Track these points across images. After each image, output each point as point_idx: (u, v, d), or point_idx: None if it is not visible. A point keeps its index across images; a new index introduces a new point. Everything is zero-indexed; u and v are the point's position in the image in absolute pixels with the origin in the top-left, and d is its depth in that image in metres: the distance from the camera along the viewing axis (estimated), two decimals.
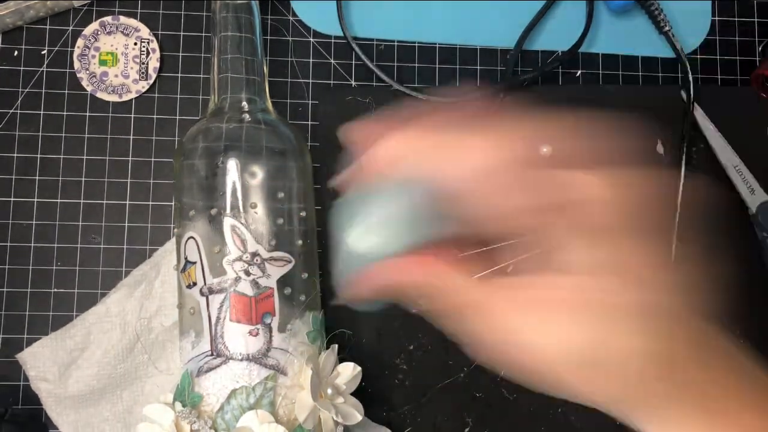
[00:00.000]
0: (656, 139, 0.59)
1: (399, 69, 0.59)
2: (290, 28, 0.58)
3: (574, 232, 0.30)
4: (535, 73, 0.58)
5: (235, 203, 0.46)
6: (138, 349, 0.52)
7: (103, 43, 0.56)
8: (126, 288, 0.52)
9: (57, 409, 0.51)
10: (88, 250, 0.54)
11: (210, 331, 0.44)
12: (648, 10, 0.59)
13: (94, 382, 0.51)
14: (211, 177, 0.46)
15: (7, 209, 0.54)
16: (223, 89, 0.50)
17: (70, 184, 0.55)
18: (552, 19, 0.60)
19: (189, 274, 0.46)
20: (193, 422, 0.42)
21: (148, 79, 0.56)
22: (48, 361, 0.51)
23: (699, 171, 0.59)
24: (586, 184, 0.31)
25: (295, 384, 0.44)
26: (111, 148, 0.55)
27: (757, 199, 0.57)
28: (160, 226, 0.55)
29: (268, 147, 0.47)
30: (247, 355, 0.44)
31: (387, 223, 0.31)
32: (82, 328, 0.51)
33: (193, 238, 0.46)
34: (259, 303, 0.44)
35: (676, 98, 0.59)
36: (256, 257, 0.45)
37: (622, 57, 0.60)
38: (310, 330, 0.46)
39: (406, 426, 0.54)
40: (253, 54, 0.50)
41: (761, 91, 0.60)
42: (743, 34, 0.61)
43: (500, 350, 0.30)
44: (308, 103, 0.57)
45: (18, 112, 0.55)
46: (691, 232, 0.58)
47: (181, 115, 0.56)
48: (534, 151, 0.31)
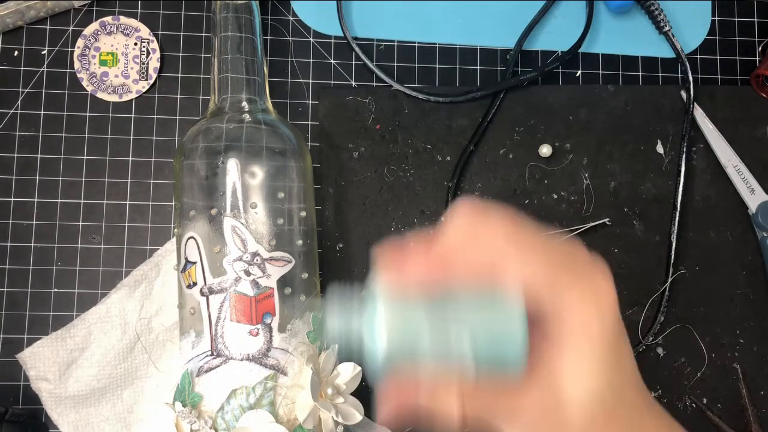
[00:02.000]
0: (656, 139, 0.59)
1: (399, 69, 0.59)
2: (290, 28, 0.58)
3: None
4: (535, 73, 0.58)
5: (236, 203, 0.46)
6: (138, 349, 0.52)
7: (103, 43, 0.56)
8: (126, 288, 0.52)
9: (57, 409, 0.51)
10: (88, 250, 0.54)
11: (210, 331, 0.44)
12: (648, 10, 0.59)
13: (94, 382, 0.51)
14: (212, 177, 0.46)
15: (7, 209, 0.54)
16: (223, 89, 0.50)
17: (70, 184, 0.55)
18: (552, 19, 0.60)
19: (189, 274, 0.46)
20: (193, 422, 0.42)
21: (148, 79, 0.56)
22: (48, 361, 0.51)
23: (698, 171, 0.59)
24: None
25: (295, 384, 0.44)
26: (111, 148, 0.56)
27: (757, 199, 0.57)
28: (160, 226, 0.55)
29: (268, 147, 0.47)
30: (247, 355, 0.44)
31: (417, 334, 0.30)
32: (82, 328, 0.51)
33: (193, 238, 0.46)
34: (259, 303, 0.44)
35: (676, 98, 0.59)
36: (257, 257, 0.45)
37: (622, 57, 0.60)
38: (310, 330, 0.46)
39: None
40: (253, 54, 0.50)
41: (761, 91, 0.60)
42: (743, 34, 0.62)
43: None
44: (308, 103, 0.57)
45: (18, 112, 0.55)
46: (691, 232, 0.58)
47: (181, 115, 0.56)
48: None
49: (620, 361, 0.31)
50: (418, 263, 0.31)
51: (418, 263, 0.31)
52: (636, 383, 0.33)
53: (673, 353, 0.56)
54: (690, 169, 0.58)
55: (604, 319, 0.30)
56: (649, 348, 0.56)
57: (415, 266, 0.31)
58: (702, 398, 0.56)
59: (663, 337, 0.56)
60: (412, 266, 0.31)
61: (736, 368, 0.56)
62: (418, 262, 0.31)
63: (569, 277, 0.30)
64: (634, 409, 0.32)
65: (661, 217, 0.58)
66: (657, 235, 0.57)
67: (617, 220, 0.57)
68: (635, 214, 0.58)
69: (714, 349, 0.57)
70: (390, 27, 0.59)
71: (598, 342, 0.30)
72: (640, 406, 0.32)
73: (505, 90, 0.58)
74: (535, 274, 0.30)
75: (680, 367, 0.56)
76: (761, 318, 0.57)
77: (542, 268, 0.30)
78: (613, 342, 0.31)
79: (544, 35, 0.60)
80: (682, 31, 0.61)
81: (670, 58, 0.61)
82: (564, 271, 0.30)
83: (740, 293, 0.57)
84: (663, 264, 0.57)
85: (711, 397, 0.56)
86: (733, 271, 0.58)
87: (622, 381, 0.31)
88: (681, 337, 0.56)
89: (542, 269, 0.30)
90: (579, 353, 0.30)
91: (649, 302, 0.56)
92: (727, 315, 0.57)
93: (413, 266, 0.31)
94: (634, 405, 0.32)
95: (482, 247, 0.31)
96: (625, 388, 0.32)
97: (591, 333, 0.30)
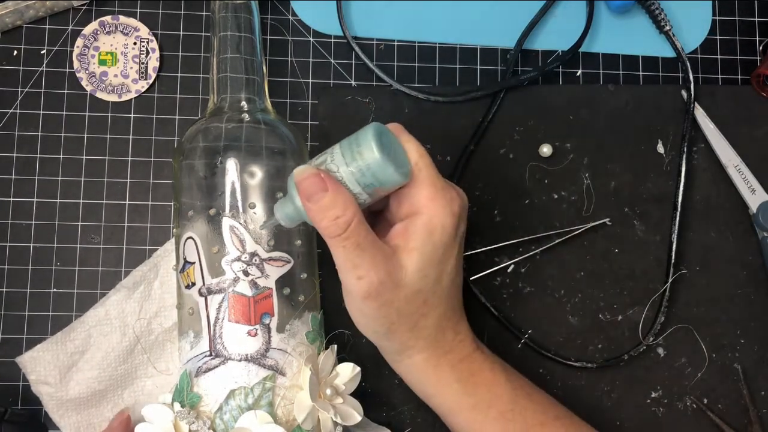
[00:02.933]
0: (657, 139, 0.58)
1: (399, 69, 0.59)
2: (290, 28, 0.58)
3: None
4: (535, 73, 0.58)
5: (234, 203, 0.46)
6: (138, 350, 0.52)
7: (103, 43, 0.56)
8: (125, 290, 0.52)
9: (59, 411, 0.51)
10: (88, 250, 0.54)
11: (209, 331, 0.44)
12: (648, 10, 0.59)
13: (95, 384, 0.51)
14: (210, 177, 0.46)
15: (7, 209, 0.54)
16: (222, 89, 0.50)
17: (70, 184, 0.55)
18: (552, 19, 0.60)
19: (188, 274, 0.46)
20: (192, 422, 0.42)
21: (148, 78, 0.56)
22: (49, 364, 0.50)
23: (699, 170, 0.58)
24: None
25: (294, 384, 0.44)
26: (110, 148, 0.55)
27: (757, 199, 0.57)
28: (159, 226, 0.55)
29: (267, 147, 0.47)
30: (245, 356, 0.44)
31: None
32: (82, 331, 0.51)
33: (191, 238, 0.46)
34: (258, 303, 0.44)
35: (676, 98, 0.59)
36: (255, 257, 0.45)
37: (622, 56, 0.60)
38: (309, 330, 0.46)
39: (406, 426, 0.54)
40: (252, 54, 0.50)
41: (762, 91, 0.59)
42: (744, 34, 0.61)
43: None
44: (308, 103, 0.57)
45: (18, 111, 0.55)
46: (692, 232, 0.58)
47: (180, 114, 0.56)
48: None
49: (446, 260, 0.44)
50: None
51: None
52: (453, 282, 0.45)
53: (673, 353, 0.56)
54: (690, 169, 0.58)
55: (445, 226, 0.43)
56: (650, 348, 0.56)
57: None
58: (703, 398, 0.56)
59: (663, 337, 0.56)
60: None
61: (737, 368, 0.56)
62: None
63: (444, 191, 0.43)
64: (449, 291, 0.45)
65: (661, 217, 0.58)
66: (657, 235, 0.57)
67: (617, 220, 0.57)
68: (635, 214, 0.57)
69: (714, 350, 0.56)
70: (390, 27, 0.59)
71: (438, 236, 0.43)
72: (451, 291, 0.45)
73: (505, 90, 0.58)
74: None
75: (681, 367, 0.56)
76: (762, 318, 0.57)
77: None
78: (447, 243, 0.43)
79: (545, 35, 0.60)
80: (682, 31, 0.61)
81: (670, 57, 0.60)
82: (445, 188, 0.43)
83: (741, 293, 0.57)
84: (663, 264, 0.57)
85: (712, 397, 0.56)
86: (734, 271, 0.58)
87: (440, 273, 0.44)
88: (681, 338, 0.56)
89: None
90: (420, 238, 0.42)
91: (649, 302, 0.56)
92: (728, 315, 0.57)
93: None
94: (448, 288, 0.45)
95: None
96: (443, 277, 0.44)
97: (433, 226, 0.42)
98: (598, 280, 0.57)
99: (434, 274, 0.43)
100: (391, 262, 0.42)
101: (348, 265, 0.41)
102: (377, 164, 0.40)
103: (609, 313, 0.56)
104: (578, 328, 0.56)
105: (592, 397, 0.55)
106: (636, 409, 0.56)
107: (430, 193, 0.42)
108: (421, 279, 0.42)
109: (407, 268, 0.42)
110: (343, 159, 0.41)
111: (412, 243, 0.42)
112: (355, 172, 0.41)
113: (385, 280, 0.41)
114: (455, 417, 0.46)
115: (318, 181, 0.40)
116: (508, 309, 0.56)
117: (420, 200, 0.43)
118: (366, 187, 0.41)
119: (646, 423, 0.55)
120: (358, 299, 0.42)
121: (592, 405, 0.55)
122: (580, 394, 0.55)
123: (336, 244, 0.41)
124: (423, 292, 0.43)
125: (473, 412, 0.45)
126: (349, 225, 0.40)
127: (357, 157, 0.41)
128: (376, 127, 0.41)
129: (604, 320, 0.56)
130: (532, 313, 0.56)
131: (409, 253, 0.42)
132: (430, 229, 0.42)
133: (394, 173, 0.41)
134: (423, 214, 0.42)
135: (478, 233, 0.56)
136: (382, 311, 0.42)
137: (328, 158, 0.42)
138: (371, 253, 0.41)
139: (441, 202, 0.43)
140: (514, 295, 0.56)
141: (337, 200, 0.40)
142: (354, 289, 0.42)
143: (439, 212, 0.42)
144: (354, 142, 0.41)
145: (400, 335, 0.44)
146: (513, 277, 0.56)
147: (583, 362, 0.55)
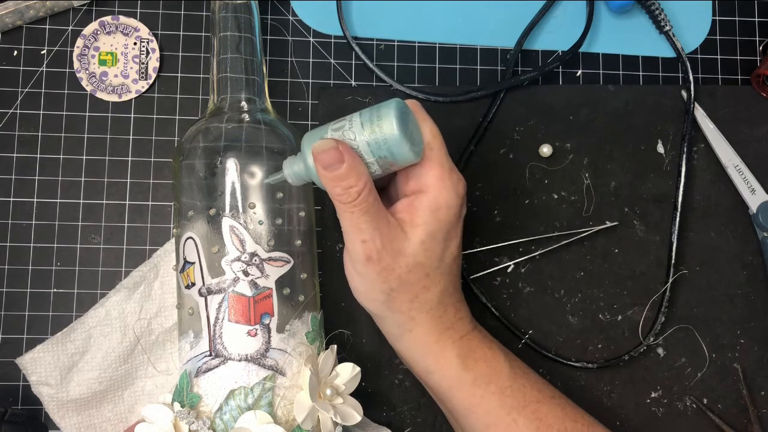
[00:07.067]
0: (657, 139, 0.58)
1: (399, 69, 0.59)
2: (290, 28, 0.58)
3: None
4: (535, 73, 0.58)
5: (234, 203, 0.46)
6: (138, 351, 0.52)
7: (103, 43, 0.56)
8: (125, 290, 0.52)
9: (59, 412, 0.51)
10: (88, 250, 0.54)
11: (209, 331, 0.44)
12: (648, 10, 0.59)
13: (95, 385, 0.51)
14: (210, 177, 0.46)
15: (7, 209, 0.54)
16: (222, 89, 0.50)
17: (70, 184, 0.55)
18: (552, 19, 0.60)
19: (188, 274, 0.46)
20: (192, 422, 0.42)
21: (148, 78, 0.56)
22: (49, 366, 0.50)
23: (699, 170, 0.58)
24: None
25: (294, 384, 0.44)
26: (110, 148, 0.56)
27: (757, 199, 0.57)
28: (159, 226, 0.55)
29: (267, 147, 0.47)
30: (245, 356, 0.44)
31: None
32: (82, 332, 0.51)
33: (191, 238, 0.46)
34: (258, 303, 0.44)
35: (676, 98, 0.59)
36: (255, 257, 0.45)
37: (622, 57, 0.60)
38: (309, 330, 0.46)
39: (406, 426, 0.54)
40: (252, 54, 0.50)
41: (762, 91, 0.59)
42: (744, 34, 0.61)
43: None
44: (308, 103, 0.57)
45: (18, 112, 0.55)
46: (692, 232, 0.58)
47: (180, 115, 0.56)
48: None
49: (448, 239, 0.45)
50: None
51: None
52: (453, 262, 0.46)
53: (673, 353, 0.56)
54: (690, 169, 0.58)
55: (451, 206, 0.44)
56: (650, 348, 0.56)
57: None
58: (702, 398, 0.56)
59: (663, 337, 0.56)
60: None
61: (737, 368, 0.56)
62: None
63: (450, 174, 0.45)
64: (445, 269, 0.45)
65: (661, 217, 0.58)
66: (657, 235, 0.57)
67: (617, 221, 0.57)
68: (636, 215, 0.57)
69: (714, 350, 0.56)
70: (390, 27, 0.59)
71: (444, 215, 0.44)
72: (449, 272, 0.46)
73: (505, 90, 0.58)
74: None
75: (681, 367, 0.56)
76: (762, 318, 0.57)
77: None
78: (451, 222, 0.45)
79: (545, 35, 0.60)
80: (682, 31, 0.61)
81: (670, 57, 0.60)
82: (452, 171, 0.45)
83: (741, 293, 0.57)
84: (663, 264, 0.57)
85: (711, 397, 0.56)
86: (734, 271, 0.58)
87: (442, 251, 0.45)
88: (681, 338, 0.56)
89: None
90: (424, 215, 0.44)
91: (649, 302, 0.56)
92: (728, 315, 0.57)
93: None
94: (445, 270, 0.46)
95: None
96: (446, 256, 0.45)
97: (439, 205, 0.44)
98: (598, 280, 0.57)
99: (438, 250, 0.44)
100: (395, 231, 0.43)
101: (353, 228, 0.43)
102: (394, 140, 0.41)
103: (609, 314, 0.56)
104: (578, 329, 0.56)
105: (592, 397, 0.55)
106: (636, 409, 0.56)
107: (439, 173, 0.44)
108: (423, 252, 0.44)
109: (411, 239, 0.44)
110: (362, 128, 0.42)
111: (417, 219, 0.44)
112: (372, 144, 0.42)
113: (387, 246, 0.43)
114: (455, 393, 0.46)
115: (336, 153, 0.42)
116: (508, 309, 0.56)
117: (428, 179, 0.44)
118: (379, 159, 0.42)
119: (646, 423, 0.55)
120: (360, 263, 0.43)
121: (592, 405, 0.55)
122: (580, 394, 0.55)
123: (344, 209, 0.43)
124: (425, 265, 0.44)
125: (473, 387, 0.46)
126: (360, 194, 0.42)
127: (376, 129, 0.42)
128: (398, 104, 0.42)
129: (604, 320, 0.56)
130: (532, 313, 0.56)
131: (413, 228, 0.44)
132: (435, 207, 0.44)
133: (408, 151, 0.42)
134: (429, 193, 0.44)
135: (478, 233, 0.56)
136: (383, 275, 0.43)
137: (346, 125, 0.43)
138: (377, 220, 0.43)
139: (448, 183, 0.44)
140: (514, 295, 0.56)
141: (352, 172, 0.42)
142: (357, 251, 0.43)
143: (445, 193, 0.44)
144: (375, 114, 0.42)
145: (399, 304, 0.45)
146: (513, 277, 0.56)
147: (583, 362, 0.55)
